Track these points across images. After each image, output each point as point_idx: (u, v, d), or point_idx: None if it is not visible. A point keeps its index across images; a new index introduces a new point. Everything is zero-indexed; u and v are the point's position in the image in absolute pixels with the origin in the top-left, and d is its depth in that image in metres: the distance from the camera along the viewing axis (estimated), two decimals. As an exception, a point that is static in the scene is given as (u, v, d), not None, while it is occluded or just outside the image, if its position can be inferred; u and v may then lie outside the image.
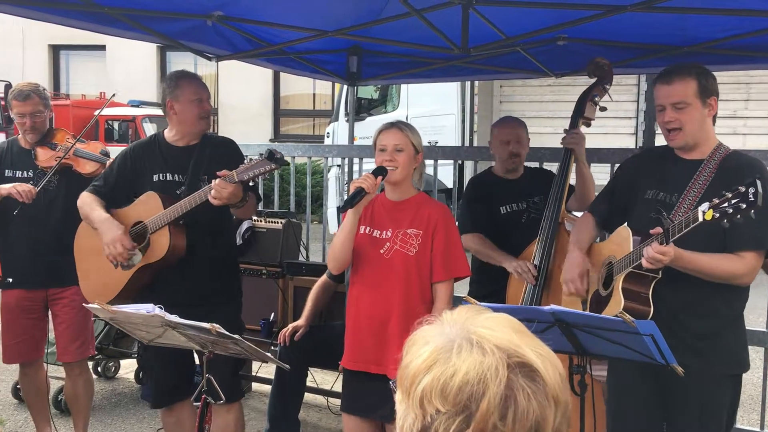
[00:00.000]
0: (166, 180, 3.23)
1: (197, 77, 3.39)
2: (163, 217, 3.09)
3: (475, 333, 0.94)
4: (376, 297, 2.83)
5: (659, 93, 2.57)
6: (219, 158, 3.23)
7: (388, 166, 2.83)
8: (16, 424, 4.38)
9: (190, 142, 3.30)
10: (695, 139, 2.55)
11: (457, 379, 0.89)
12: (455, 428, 0.88)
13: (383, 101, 11.04)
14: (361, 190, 2.73)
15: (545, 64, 4.25)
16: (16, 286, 3.66)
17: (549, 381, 0.91)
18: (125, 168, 3.30)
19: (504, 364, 0.90)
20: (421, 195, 3.02)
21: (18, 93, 3.69)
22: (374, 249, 2.85)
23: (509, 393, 0.89)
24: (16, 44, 17.51)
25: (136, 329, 2.65)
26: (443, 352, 0.92)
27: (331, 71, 4.93)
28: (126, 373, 5.34)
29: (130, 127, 13.60)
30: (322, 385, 4.78)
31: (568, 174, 3.43)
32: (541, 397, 0.90)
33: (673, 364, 2.05)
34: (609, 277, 2.66)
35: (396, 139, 2.86)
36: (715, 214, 2.11)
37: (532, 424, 0.89)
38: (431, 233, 2.85)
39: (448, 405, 0.89)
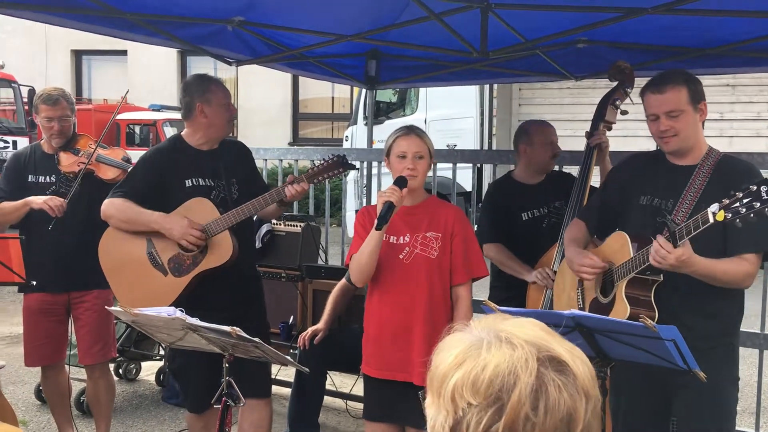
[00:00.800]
0: (198, 185, 3.22)
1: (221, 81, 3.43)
2: (223, 221, 3.11)
3: (504, 331, 0.95)
4: (399, 303, 2.81)
5: (650, 102, 2.57)
6: (239, 161, 3.37)
7: (411, 174, 2.79)
8: (38, 426, 4.43)
9: (213, 147, 3.31)
10: (689, 143, 2.57)
11: (488, 372, 0.90)
12: (487, 420, 0.89)
13: (402, 105, 11.05)
14: (392, 205, 2.70)
15: (565, 66, 4.23)
16: (38, 290, 3.70)
17: (579, 374, 0.92)
18: (153, 174, 3.25)
19: (534, 357, 0.91)
20: (434, 198, 3.01)
21: (47, 97, 3.73)
22: (393, 255, 2.83)
23: (540, 384, 0.90)
24: (39, 50, 17.76)
25: (157, 332, 2.67)
26: (473, 350, 0.94)
27: (350, 75, 4.94)
28: (147, 375, 5.38)
29: (151, 131, 13.74)
30: (341, 389, 4.78)
31: (589, 176, 3.41)
32: (572, 390, 0.91)
33: (695, 369, 2.03)
34: (605, 284, 2.64)
35: (416, 146, 2.83)
36: (727, 215, 2.09)
37: (564, 415, 0.89)
38: (449, 236, 2.84)
39: (479, 398, 0.90)
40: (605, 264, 2.62)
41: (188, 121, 3.29)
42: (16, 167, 3.80)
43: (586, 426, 0.91)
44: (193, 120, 3.25)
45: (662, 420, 2.61)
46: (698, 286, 2.42)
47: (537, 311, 2.84)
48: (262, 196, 3.16)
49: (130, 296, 3.22)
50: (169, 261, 3.18)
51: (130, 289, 3.27)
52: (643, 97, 2.63)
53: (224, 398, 2.62)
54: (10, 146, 12.15)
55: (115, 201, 3.21)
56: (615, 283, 2.56)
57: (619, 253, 2.55)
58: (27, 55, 17.50)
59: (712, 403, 2.49)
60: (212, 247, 3.13)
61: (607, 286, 2.63)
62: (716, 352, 2.49)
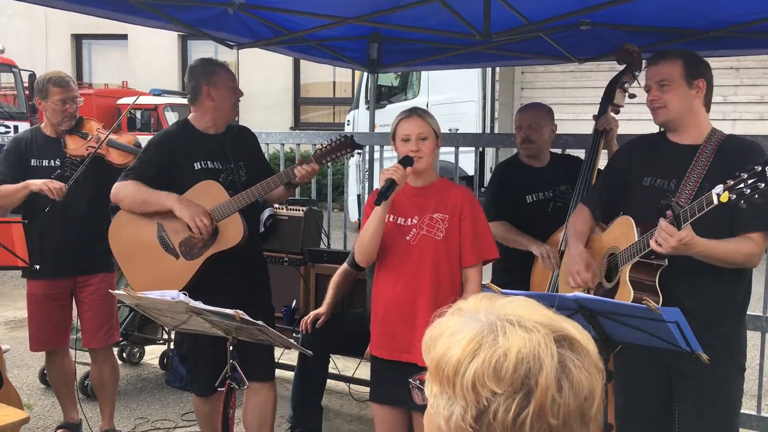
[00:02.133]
0: (207, 168, 3.22)
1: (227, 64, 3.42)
2: (232, 203, 3.12)
3: (512, 314, 0.94)
4: (405, 284, 2.80)
5: (647, 74, 2.62)
6: (246, 145, 3.39)
7: (415, 155, 2.79)
8: (43, 409, 4.46)
9: (219, 130, 3.31)
10: (679, 118, 2.56)
11: (511, 358, 0.89)
12: (516, 407, 0.88)
13: (403, 89, 11.01)
14: (393, 182, 2.70)
15: (568, 49, 4.21)
16: (42, 275, 3.70)
17: (590, 351, 0.93)
18: (162, 157, 3.25)
19: (551, 338, 0.91)
20: (444, 180, 3.00)
21: (59, 79, 3.72)
22: (400, 236, 2.82)
23: (562, 365, 0.90)
24: (39, 34, 17.69)
25: (161, 315, 2.68)
26: (486, 335, 0.91)
27: (351, 58, 4.92)
28: (151, 359, 5.41)
29: (152, 116, 13.70)
30: (343, 372, 4.81)
31: (596, 160, 3.39)
32: (589, 367, 0.92)
33: (698, 351, 2.03)
34: (610, 269, 2.64)
35: (419, 127, 2.82)
36: (731, 196, 2.08)
37: (586, 393, 0.90)
38: (458, 218, 2.83)
39: (504, 385, 0.88)
40: (592, 285, 2.65)
41: (195, 105, 3.28)
42: (16, 151, 3.78)
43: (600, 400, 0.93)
44: (200, 104, 3.25)
45: (665, 407, 2.61)
46: (703, 270, 2.41)
47: (540, 294, 2.84)
48: (272, 178, 3.16)
49: (142, 280, 3.19)
50: (180, 244, 3.17)
51: (143, 273, 3.25)
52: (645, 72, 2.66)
53: (228, 381, 2.63)
54: (11, 131, 12.12)
55: (127, 183, 3.21)
56: (619, 267, 2.55)
57: (623, 238, 2.54)
58: (27, 39, 17.44)
59: (715, 393, 2.48)
60: (222, 229, 3.14)
61: (611, 271, 2.63)
62: (721, 340, 2.47)
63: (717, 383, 2.46)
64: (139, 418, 4.37)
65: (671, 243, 2.25)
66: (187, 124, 3.33)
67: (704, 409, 2.51)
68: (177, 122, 3.45)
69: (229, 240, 3.14)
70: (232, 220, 3.13)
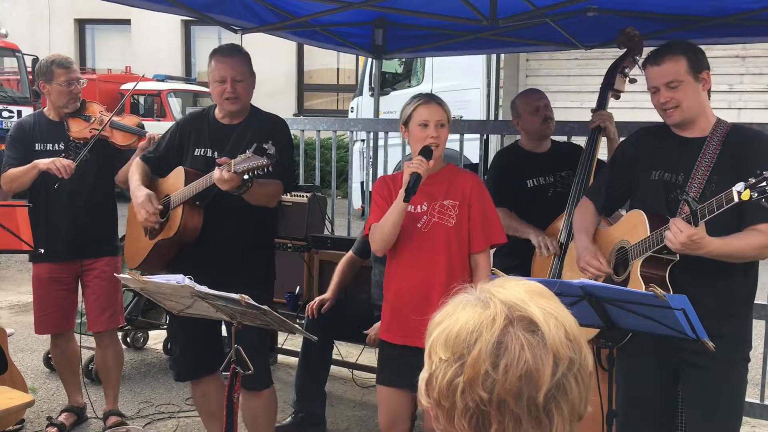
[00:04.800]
0: (206, 156, 3.19)
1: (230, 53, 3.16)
2: (181, 194, 3.09)
3: (489, 291, 0.99)
4: (418, 271, 2.80)
5: (650, 75, 2.55)
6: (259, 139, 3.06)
7: (434, 142, 2.78)
8: (48, 392, 4.48)
9: (233, 121, 3.22)
10: (692, 114, 2.53)
11: (455, 329, 0.95)
12: (451, 374, 0.94)
13: (407, 76, 10.97)
14: (419, 176, 2.69)
15: (575, 35, 4.19)
16: (47, 259, 3.71)
17: (549, 335, 0.94)
18: (174, 139, 3.29)
19: (503, 316, 0.94)
20: (451, 166, 2.99)
21: (62, 61, 3.72)
22: (411, 224, 2.81)
23: (501, 342, 0.92)
24: (42, 19, 17.64)
25: (165, 300, 2.68)
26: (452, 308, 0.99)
27: (356, 44, 4.90)
28: (154, 344, 5.43)
29: (156, 101, 13.67)
30: (347, 358, 4.82)
31: (596, 150, 3.38)
32: (537, 350, 0.92)
33: (704, 338, 2.02)
34: (619, 263, 2.62)
35: (438, 114, 2.81)
36: (753, 194, 2.05)
37: (524, 373, 0.91)
38: (467, 203, 2.84)
39: (448, 353, 0.95)
40: (609, 270, 2.62)
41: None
42: (21, 136, 3.78)
43: (555, 386, 0.92)
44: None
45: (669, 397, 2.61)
46: (713, 265, 2.38)
47: (547, 280, 2.82)
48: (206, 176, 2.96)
49: (127, 249, 3.48)
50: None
51: (129, 243, 3.47)
52: (644, 71, 2.61)
53: (233, 365, 2.63)
54: (14, 115, 12.11)
55: (136, 161, 3.36)
56: (630, 261, 2.53)
57: (633, 232, 2.52)
58: (30, 24, 17.39)
59: (720, 382, 2.48)
60: (170, 219, 3.15)
61: (621, 265, 2.61)
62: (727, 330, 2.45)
63: (721, 373, 2.46)
64: (143, 402, 4.39)
65: (680, 238, 2.23)
66: (211, 109, 3.30)
67: (709, 399, 2.50)
68: (209, 106, 3.37)
69: (170, 230, 3.13)
70: (177, 211, 3.12)
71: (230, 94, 3.11)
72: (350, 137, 5.91)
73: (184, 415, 4.22)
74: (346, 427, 4.17)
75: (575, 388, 0.93)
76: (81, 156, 3.65)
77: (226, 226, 3.15)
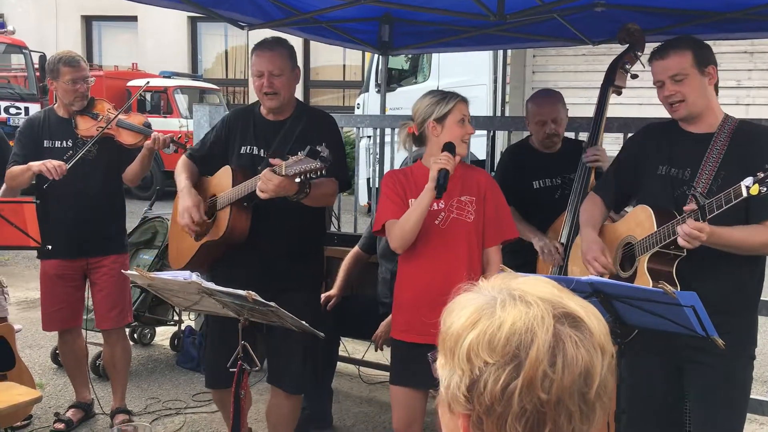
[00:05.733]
0: (252, 154, 3.12)
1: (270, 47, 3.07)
2: (228, 195, 3.01)
3: (517, 289, 0.95)
4: (437, 269, 2.77)
5: (656, 69, 2.55)
6: (308, 136, 2.99)
7: (467, 139, 2.84)
8: (55, 388, 4.49)
9: (278, 117, 3.13)
10: (698, 108, 2.52)
11: (504, 330, 0.90)
12: (505, 377, 0.89)
13: (414, 72, 10.95)
14: (447, 172, 2.69)
15: (582, 31, 4.16)
16: (55, 256, 3.72)
17: (594, 330, 0.92)
18: (221, 135, 3.23)
19: (549, 313, 0.91)
20: (461, 162, 2.95)
21: (70, 59, 3.71)
22: (429, 221, 2.78)
23: (557, 341, 0.90)
24: (49, 15, 17.69)
25: (173, 296, 2.68)
26: (486, 309, 0.94)
27: (362, 40, 4.89)
28: (161, 340, 5.44)
29: (162, 98, 13.69)
30: (353, 355, 4.82)
31: None
32: (588, 345, 0.91)
33: (713, 336, 2.01)
34: (625, 259, 2.61)
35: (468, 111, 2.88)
36: (761, 189, 2.05)
37: (581, 370, 0.90)
38: (482, 199, 2.85)
39: (496, 356, 0.90)
40: (614, 269, 2.61)
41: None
42: (30, 132, 3.79)
43: (603, 381, 0.92)
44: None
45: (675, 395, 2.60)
46: (720, 260, 2.38)
47: (555, 277, 2.81)
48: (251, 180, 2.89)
49: (171, 246, 3.42)
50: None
51: (172, 243, 3.41)
52: (650, 66, 2.61)
53: (240, 362, 2.63)
54: (22, 112, 12.16)
55: (182, 158, 3.29)
56: (636, 257, 2.52)
57: (640, 227, 2.51)
58: (37, 21, 17.44)
59: (725, 380, 2.47)
60: (217, 220, 3.07)
61: (627, 261, 2.60)
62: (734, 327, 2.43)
63: (726, 370, 2.45)
64: (150, 398, 4.40)
65: (702, 239, 2.24)
66: (255, 106, 3.24)
67: (713, 396, 2.50)
68: (253, 103, 3.28)
69: (217, 232, 3.05)
70: (224, 212, 3.04)
71: (267, 88, 3.02)
72: (357, 134, 5.91)
73: (191, 411, 4.23)
74: (352, 423, 4.17)
75: (611, 381, 0.94)
76: (80, 154, 3.65)
77: (274, 228, 3.04)
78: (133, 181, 3.89)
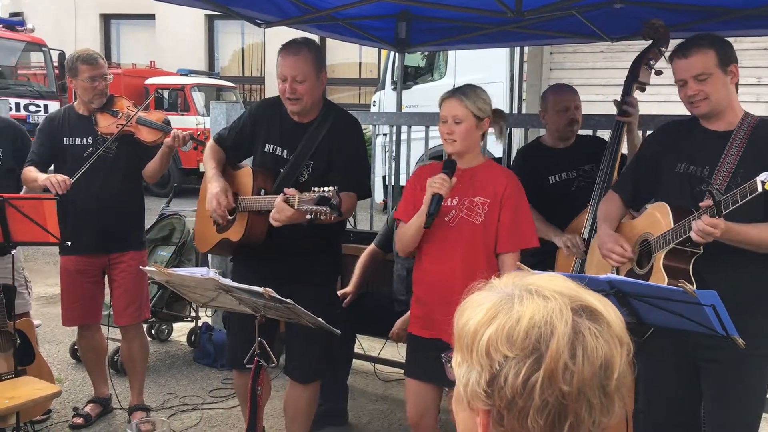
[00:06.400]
0: (275, 154, 3.11)
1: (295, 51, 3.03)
2: (248, 204, 3.02)
3: (533, 284, 0.95)
4: (441, 264, 2.78)
5: (678, 68, 2.53)
6: (333, 142, 3.01)
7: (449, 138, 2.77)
8: (74, 383, 4.53)
9: (304, 119, 3.09)
10: (720, 106, 2.50)
11: (523, 323, 0.91)
12: (526, 370, 0.89)
13: (430, 69, 10.93)
14: (441, 197, 2.67)
15: (601, 27, 4.13)
16: (74, 252, 3.76)
17: (612, 322, 0.93)
18: (246, 126, 3.21)
19: (567, 306, 0.92)
20: (489, 162, 2.93)
21: (88, 57, 3.74)
22: (440, 217, 2.78)
23: (576, 332, 0.90)
24: (68, 14, 17.84)
25: (190, 292, 2.70)
26: (504, 304, 0.94)
27: (379, 37, 4.89)
28: (179, 336, 5.48)
29: (179, 95, 13.77)
30: (369, 352, 4.83)
31: (620, 143, 3.34)
32: (607, 337, 0.91)
33: (734, 335, 1.99)
34: (642, 255, 2.59)
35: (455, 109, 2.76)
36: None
37: (602, 362, 0.90)
38: (499, 202, 2.78)
39: (516, 350, 0.90)
40: (632, 256, 2.59)
41: None
42: (49, 130, 3.82)
43: (622, 373, 0.92)
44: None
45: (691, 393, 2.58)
46: (738, 258, 2.37)
47: (573, 275, 2.80)
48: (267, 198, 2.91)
49: (197, 230, 3.44)
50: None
51: (199, 224, 3.41)
52: (671, 64, 2.58)
53: (256, 358, 2.64)
54: (41, 110, 12.28)
55: (210, 143, 3.29)
56: (653, 254, 2.51)
57: (657, 224, 2.50)
58: (56, 19, 17.60)
59: (741, 379, 2.45)
60: (236, 220, 3.09)
61: (644, 258, 2.59)
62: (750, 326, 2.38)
63: (741, 368, 2.43)
64: (168, 394, 4.43)
65: (716, 235, 2.22)
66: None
67: (728, 394, 2.49)
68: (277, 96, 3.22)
69: (234, 233, 3.08)
70: (242, 216, 3.04)
71: (290, 94, 3.00)
72: (373, 131, 5.91)
73: (208, 406, 4.26)
74: (368, 420, 4.18)
75: (629, 373, 0.94)
76: (99, 151, 3.67)
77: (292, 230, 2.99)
78: (153, 177, 3.92)
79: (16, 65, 13.34)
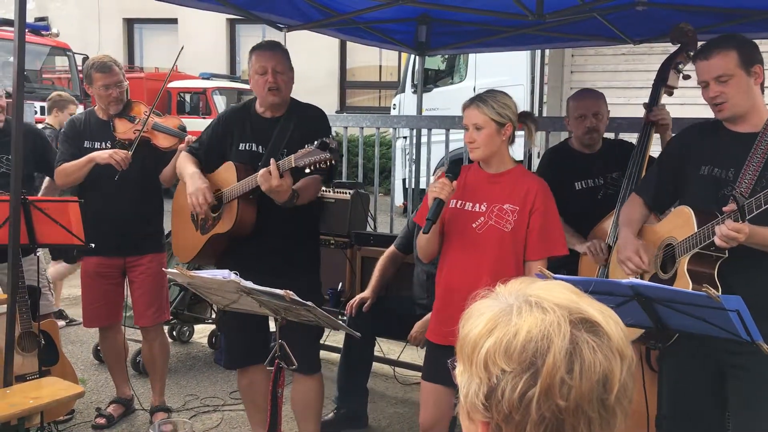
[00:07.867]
0: (251, 150, 3.21)
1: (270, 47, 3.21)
2: (235, 189, 3.10)
3: (533, 295, 0.94)
4: (467, 271, 2.75)
5: (700, 70, 2.50)
6: (303, 131, 3.13)
7: (469, 146, 2.78)
8: (96, 384, 4.58)
9: (274, 114, 3.23)
10: (743, 109, 2.46)
11: (520, 337, 0.90)
12: (522, 385, 0.88)
13: (450, 72, 10.91)
14: (441, 202, 2.67)
15: (623, 30, 4.10)
16: (95, 254, 3.79)
17: (612, 335, 0.91)
18: (217, 132, 3.33)
19: (566, 320, 0.90)
20: (519, 168, 2.91)
21: (101, 65, 3.78)
22: (467, 223, 2.76)
23: (574, 347, 0.89)
24: (92, 18, 18.05)
25: (211, 294, 2.71)
26: (503, 316, 0.93)
27: (399, 41, 4.89)
28: (200, 338, 5.51)
29: (201, 99, 13.88)
30: (388, 355, 4.82)
31: (647, 148, 3.29)
32: (606, 351, 0.90)
33: (758, 341, 1.96)
34: (666, 260, 2.56)
35: (474, 117, 2.75)
36: None
37: (600, 377, 0.89)
38: (528, 210, 2.75)
39: (513, 364, 0.89)
40: (648, 268, 2.56)
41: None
42: (72, 133, 3.88)
43: (622, 386, 0.90)
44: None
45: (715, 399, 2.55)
46: (762, 262, 2.33)
47: (594, 279, 2.78)
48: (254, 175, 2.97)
49: (175, 242, 3.50)
50: (201, 218, 3.26)
51: (176, 236, 3.50)
52: (695, 65, 2.56)
53: (277, 360, 2.65)
54: (65, 114, 12.42)
55: (182, 155, 3.38)
56: (677, 258, 2.48)
57: (681, 228, 2.47)
58: (80, 23, 17.81)
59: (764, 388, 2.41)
60: (224, 213, 3.16)
61: (668, 262, 2.55)
62: None
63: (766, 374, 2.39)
64: (189, 395, 4.46)
65: (740, 240, 2.20)
66: (252, 103, 3.32)
67: (754, 400, 2.44)
68: (250, 99, 3.38)
69: (224, 225, 3.14)
70: (231, 206, 3.12)
71: (272, 84, 3.12)
72: (393, 134, 5.92)
73: (229, 408, 4.28)
74: (388, 423, 4.17)
75: (631, 385, 0.92)
76: (133, 148, 3.72)
77: (275, 216, 3.14)
78: (169, 182, 3.96)
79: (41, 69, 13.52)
